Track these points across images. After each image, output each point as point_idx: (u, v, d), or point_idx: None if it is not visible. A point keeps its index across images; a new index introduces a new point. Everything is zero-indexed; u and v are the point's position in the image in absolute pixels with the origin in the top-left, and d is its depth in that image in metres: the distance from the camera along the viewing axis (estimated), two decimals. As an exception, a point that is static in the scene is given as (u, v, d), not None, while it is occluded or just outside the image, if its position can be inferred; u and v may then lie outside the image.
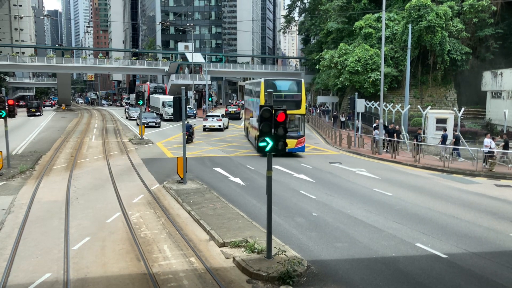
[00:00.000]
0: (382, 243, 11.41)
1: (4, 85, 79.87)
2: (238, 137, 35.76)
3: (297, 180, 19.09)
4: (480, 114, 38.01)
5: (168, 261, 10.33)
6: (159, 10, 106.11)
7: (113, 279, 9.43)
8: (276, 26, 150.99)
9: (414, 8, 38.33)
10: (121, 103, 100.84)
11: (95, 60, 79.88)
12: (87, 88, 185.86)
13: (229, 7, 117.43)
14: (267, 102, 10.36)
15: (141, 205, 15.05)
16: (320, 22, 58.89)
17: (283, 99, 24.23)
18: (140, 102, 33.91)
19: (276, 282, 9.13)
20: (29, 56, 76.44)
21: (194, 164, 22.31)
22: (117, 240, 11.68)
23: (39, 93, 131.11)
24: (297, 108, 24.25)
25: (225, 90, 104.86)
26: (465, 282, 9.24)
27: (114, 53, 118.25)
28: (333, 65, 42.08)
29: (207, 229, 12.21)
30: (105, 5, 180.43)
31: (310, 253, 10.74)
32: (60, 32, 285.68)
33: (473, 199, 16.16)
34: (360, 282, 9.23)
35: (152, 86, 71.26)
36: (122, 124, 49.15)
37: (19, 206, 14.81)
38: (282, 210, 14.23)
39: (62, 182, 18.49)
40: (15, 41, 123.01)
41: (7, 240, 11.64)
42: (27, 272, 9.69)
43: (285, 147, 9.95)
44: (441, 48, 38.43)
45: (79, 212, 14.18)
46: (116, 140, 33.54)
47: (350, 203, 15.33)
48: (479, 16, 39.84)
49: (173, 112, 18.39)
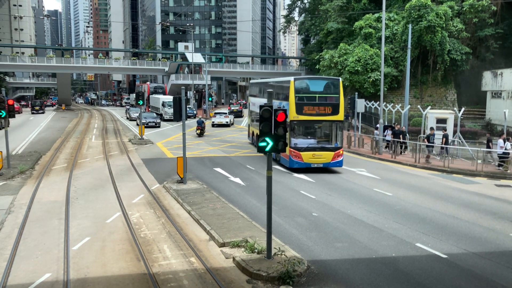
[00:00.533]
0: (382, 243, 11.41)
1: (4, 85, 79.87)
2: (239, 137, 35.75)
3: (297, 180, 19.08)
4: (480, 114, 38.02)
5: (168, 261, 10.32)
6: (159, 10, 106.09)
7: (113, 279, 9.43)
8: (276, 26, 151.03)
9: (414, 8, 38.35)
10: (121, 103, 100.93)
11: (95, 60, 79.89)
12: (87, 88, 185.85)
13: (229, 7, 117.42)
14: (268, 102, 10.30)
15: (141, 205, 15.05)
16: (320, 22, 58.91)
17: (317, 102, 20.58)
18: (140, 102, 33.91)
19: (276, 282, 9.13)
20: (29, 56, 76.45)
21: (194, 164, 22.30)
22: (117, 240, 11.68)
23: (39, 93, 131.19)
24: (334, 114, 20.49)
25: (225, 90, 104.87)
26: (465, 282, 9.24)
27: (114, 53, 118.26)
28: (333, 65, 42.10)
29: (207, 229, 12.21)
30: (105, 5, 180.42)
31: (310, 253, 10.74)
32: (60, 32, 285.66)
33: (473, 199, 16.16)
34: (360, 282, 9.23)
35: (152, 86, 71.27)
36: (122, 124, 49.15)
37: (19, 206, 14.81)
38: (282, 210, 14.23)
39: (62, 182, 18.49)
40: (15, 41, 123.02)
41: (7, 240, 11.64)
42: (27, 272, 9.69)
43: (285, 147, 9.90)
44: (441, 48, 38.45)
45: (79, 212, 14.18)
46: (116, 140, 33.54)
47: (350, 203, 15.33)
48: (479, 16, 39.87)
49: (173, 112, 18.39)
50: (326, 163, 20.47)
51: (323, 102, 20.72)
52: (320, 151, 20.47)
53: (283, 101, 21.50)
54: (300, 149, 20.27)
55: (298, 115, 20.05)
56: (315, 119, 20.59)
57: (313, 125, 21.32)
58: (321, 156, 20.36)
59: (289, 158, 20.50)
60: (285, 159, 21.31)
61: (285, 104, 20.68)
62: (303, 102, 20.32)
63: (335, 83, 21.02)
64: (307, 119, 20.41)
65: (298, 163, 20.23)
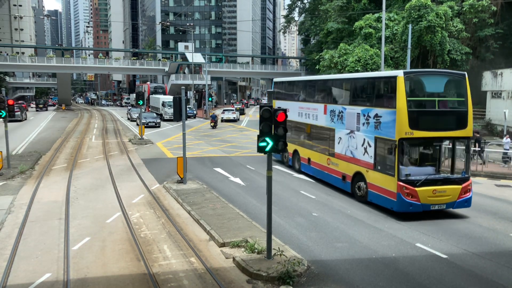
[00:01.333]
0: (382, 243, 11.41)
1: (4, 85, 79.91)
2: (239, 137, 35.76)
3: (297, 180, 19.08)
4: (480, 114, 37.99)
5: (168, 261, 10.32)
6: (159, 10, 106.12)
7: (113, 279, 9.43)
8: (276, 26, 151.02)
9: (414, 8, 38.33)
10: (121, 103, 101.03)
11: (95, 60, 79.95)
12: (87, 88, 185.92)
13: (229, 7, 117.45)
14: (268, 102, 10.21)
15: (141, 205, 15.05)
16: (320, 22, 58.89)
17: (437, 110, 13.82)
18: (140, 102, 33.91)
19: (276, 282, 9.13)
20: (29, 56, 76.51)
21: (194, 164, 22.30)
22: (117, 240, 11.68)
23: (39, 93, 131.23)
24: (460, 127, 13.66)
25: (225, 90, 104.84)
26: (465, 282, 9.24)
27: (114, 53, 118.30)
28: (333, 65, 42.07)
29: (207, 229, 12.21)
30: (105, 5, 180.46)
31: (310, 253, 10.74)
32: (60, 32, 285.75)
33: (473, 199, 16.13)
34: (360, 282, 9.23)
35: (152, 86, 71.31)
36: (122, 124, 49.17)
37: (19, 206, 14.81)
38: (282, 210, 14.23)
39: (62, 182, 18.49)
40: (15, 41, 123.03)
41: (7, 240, 11.64)
42: (27, 272, 9.69)
43: (285, 146, 9.87)
44: (441, 48, 38.44)
45: (79, 212, 14.18)
46: (116, 140, 33.54)
47: (350, 203, 15.33)
48: (479, 16, 39.85)
49: (173, 112, 18.38)
50: (450, 203, 13.63)
51: (445, 110, 14.00)
52: (443, 185, 13.52)
53: (376, 107, 14.39)
54: (414, 183, 13.22)
55: (413, 131, 13.06)
56: (436, 136, 13.70)
57: (432, 145, 14.37)
58: (444, 193, 13.46)
59: (397, 196, 13.34)
60: (384, 197, 13.96)
61: (384, 113, 13.84)
62: (420, 110, 13.57)
63: (460, 79, 14.19)
64: (425, 136, 13.50)
65: (413, 204, 13.19)
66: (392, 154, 13.38)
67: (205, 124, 47.92)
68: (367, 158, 14.69)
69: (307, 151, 19.63)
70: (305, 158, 19.83)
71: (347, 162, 16.08)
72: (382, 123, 13.90)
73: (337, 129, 16.76)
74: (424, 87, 13.97)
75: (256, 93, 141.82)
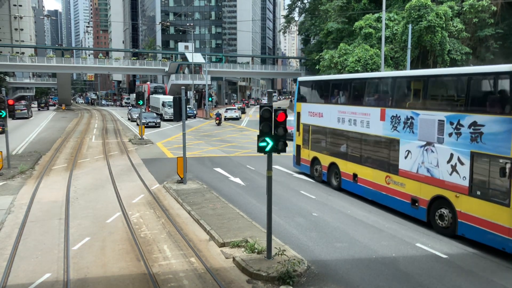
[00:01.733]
0: (382, 243, 11.41)
1: (4, 85, 79.89)
2: (239, 137, 35.77)
3: (297, 180, 19.08)
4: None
5: (168, 261, 10.32)
6: (159, 10, 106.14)
7: (113, 279, 9.43)
8: (276, 26, 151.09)
9: (414, 8, 38.34)
10: (121, 103, 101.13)
11: (95, 60, 79.97)
12: (87, 88, 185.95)
13: (229, 7, 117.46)
14: (268, 102, 10.18)
15: (141, 205, 15.05)
16: (320, 22, 58.90)
17: None
18: (140, 102, 33.91)
19: (276, 282, 9.13)
20: (29, 56, 76.49)
21: (194, 164, 22.30)
22: (117, 240, 11.68)
23: (39, 93, 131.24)
24: None
25: (225, 90, 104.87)
26: (465, 282, 9.24)
27: (114, 53, 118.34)
28: (333, 65, 42.08)
29: (207, 229, 12.21)
30: (105, 5, 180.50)
31: (310, 253, 10.74)
32: (60, 32, 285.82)
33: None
34: (360, 282, 9.23)
35: (152, 86, 71.30)
36: (122, 124, 49.19)
37: (19, 206, 14.81)
38: (282, 210, 14.23)
39: (62, 182, 18.49)
40: (15, 41, 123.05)
41: (7, 240, 11.64)
42: (27, 272, 9.70)
43: (285, 146, 9.87)
44: (441, 48, 38.45)
45: (79, 212, 14.18)
46: (116, 140, 33.55)
47: (350, 203, 15.33)
48: (479, 16, 39.85)
49: (173, 112, 18.38)
50: None
51: None
52: None
53: (472, 113, 10.96)
54: None
55: None
56: None
57: None
58: None
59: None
60: (489, 233, 10.61)
61: (490, 121, 10.54)
62: None
63: None
64: None
65: None
66: (505, 177, 10.05)
67: (205, 124, 47.96)
68: (457, 179, 11.32)
69: (352, 165, 15.90)
70: (348, 173, 16.18)
71: (420, 182, 12.64)
72: (486, 134, 10.58)
73: (402, 139, 13.26)
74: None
75: (256, 93, 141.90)
